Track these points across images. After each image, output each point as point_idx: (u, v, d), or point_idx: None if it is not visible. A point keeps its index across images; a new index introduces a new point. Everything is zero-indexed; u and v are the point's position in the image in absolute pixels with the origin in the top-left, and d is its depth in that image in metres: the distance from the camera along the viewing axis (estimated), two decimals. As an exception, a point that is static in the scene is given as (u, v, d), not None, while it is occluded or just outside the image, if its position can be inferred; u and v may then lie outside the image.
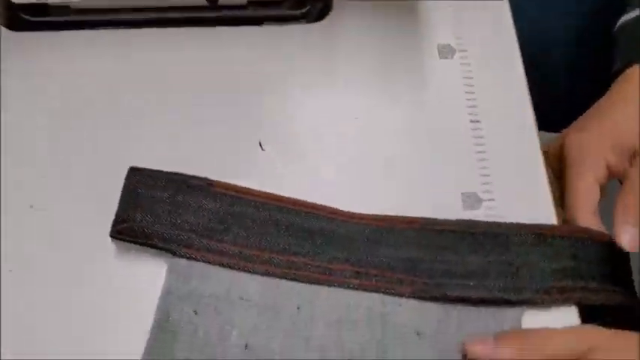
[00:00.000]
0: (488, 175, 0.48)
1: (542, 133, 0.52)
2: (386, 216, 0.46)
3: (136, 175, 0.46)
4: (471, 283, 0.44)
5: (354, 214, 0.46)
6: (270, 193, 0.46)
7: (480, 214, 0.47)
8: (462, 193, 0.48)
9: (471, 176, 0.48)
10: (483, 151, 0.50)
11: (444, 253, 0.45)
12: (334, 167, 0.49)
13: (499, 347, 0.41)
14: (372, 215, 0.46)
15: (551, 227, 0.46)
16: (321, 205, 0.46)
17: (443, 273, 0.44)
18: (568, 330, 0.42)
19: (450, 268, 0.44)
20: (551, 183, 0.48)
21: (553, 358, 0.40)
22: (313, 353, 0.42)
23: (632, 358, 0.39)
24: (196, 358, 0.41)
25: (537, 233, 0.46)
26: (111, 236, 0.45)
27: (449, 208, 0.47)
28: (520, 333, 0.42)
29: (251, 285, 0.43)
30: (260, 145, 0.50)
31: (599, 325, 0.41)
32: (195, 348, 0.42)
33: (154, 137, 0.49)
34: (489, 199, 0.48)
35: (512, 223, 0.46)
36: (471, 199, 0.48)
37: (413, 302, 0.43)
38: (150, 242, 0.44)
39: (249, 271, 0.44)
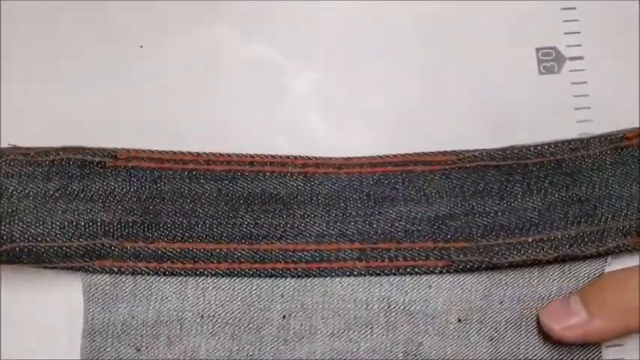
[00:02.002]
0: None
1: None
2: (394, 156, 0.34)
3: (1, 162, 0.32)
4: (530, 240, 0.32)
5: (340, 160, 0.34)
6: (208, 154, 0.33)
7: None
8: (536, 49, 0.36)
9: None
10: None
11: (484, 201, 0.33)
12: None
13: (592, 313, 0.30)
14: (371, 158, 0.34)
15: (633, 132, 0.33)
16: (290, 157, 0.33)
17: (486, 230, 0.32)
18: None
19: (495, 222, 0.33)
20: None
21: None
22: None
23: None
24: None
25: (615, 145, 0.33)
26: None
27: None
28: (617, 280, 0.31)
29: (212, 295, 0.32)
30: None
31: None
32: (149, 399, 0.32)
33: None
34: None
35: (575, 139, 0.34)
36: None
37: (447, 279, 0.32)
38: (46, 265, 0.31)
39: (204, 275, 0.32)
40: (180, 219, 0.32)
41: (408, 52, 0.36)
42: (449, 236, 0.32)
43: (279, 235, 0.32)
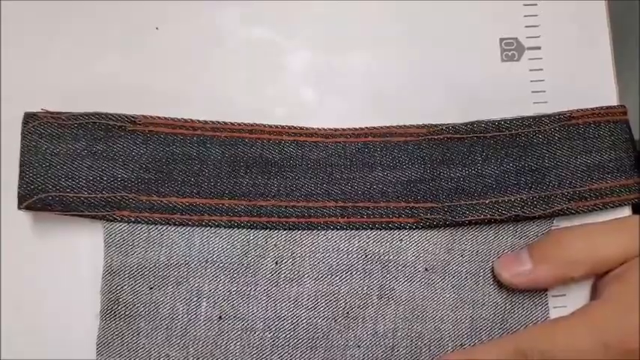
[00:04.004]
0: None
1: None
2: (374, 128, 0.36)
3: (33, 124, 0.35)
4: (487, 201, 0.35)
5: (328, 130, 0.36)
6: (214, 122, 0.36)
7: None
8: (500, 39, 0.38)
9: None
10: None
11: (449, 168, 0.36)
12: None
13: (537, 263, 0.34)
14: (355, 129, 0.36)
15: (580, 112, 0.36)
16: (284, 127, 0.36)
17: (450, 193, 0.35)
18: (618, 224, 0.35)
19: (458, 186, 0.35)
20: None
21: (605, 264, 0.34)
22: (304, 315, 0.35)
23: None
24: (163, 340, 0.34)
25: (563, 124, 0.36)
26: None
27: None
28: (558, 237, 0.35)
29: (215, 243, 0.35)
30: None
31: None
32: (158, 329, 0.35)
33: None
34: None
35: (529, 117, 0.36)
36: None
37: (417, 234, 0.35)
38: (73, 212, 0.34)
39: (208, 226, 0.35)
40: (189, 177, 0.35)
41: (389, 41, 0.38)
42: (418, 197, 0.35)
43: (273, 194, 0.35)
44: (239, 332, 0.34)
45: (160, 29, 0.37)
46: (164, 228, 0.35)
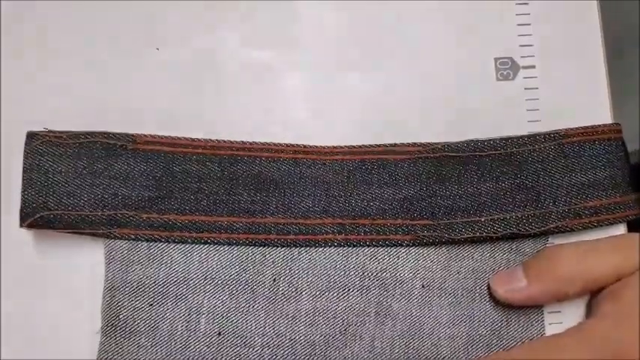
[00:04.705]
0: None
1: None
2: (371, 146, 0.36)
3: (36, 143, 0.35)
4: (483, 219, 0.35)
5: (326, 148, 0.36)
6: (214, 140, 0.36)
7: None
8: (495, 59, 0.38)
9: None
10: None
11: (445, 186, 0.36)
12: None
13: (531, 280, 0.34)
14: (352, 147, 0.36)
15: (575, 130, 0.37)
16: (283, 145, 0.36)
17: (447, 211, 0.36)
18: (613, 242, 0.35)
19: (454, 204, 0.36)
20: None
21: (599, 281, 0.34)
22: (302, 331, 0.35)
23: None
24: (163, 356, 0.35)
25: (558, 142, 0.36)
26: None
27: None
28: (553, 254, 0.35)
29: (214, 260, 0.35)
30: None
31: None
32: (159, 345, 0.35)
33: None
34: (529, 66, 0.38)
35: (523, 136, 0.36)
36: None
37: (414, 251, 0.36)
38: (75, 230, 0.35)
39: (207, 243, 0.35)
40: (189, 195, 0.35)
41: (385, 62, 0.38)
42: (415, 215, 0.35)
43: (271, 211, 0.35)
44: (238, 348, 0.35)
45: (161, 50, 0.38)
46: (164, 245, 0.35)
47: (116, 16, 0.38)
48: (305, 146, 0.36)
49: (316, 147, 0.36)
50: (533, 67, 0.38)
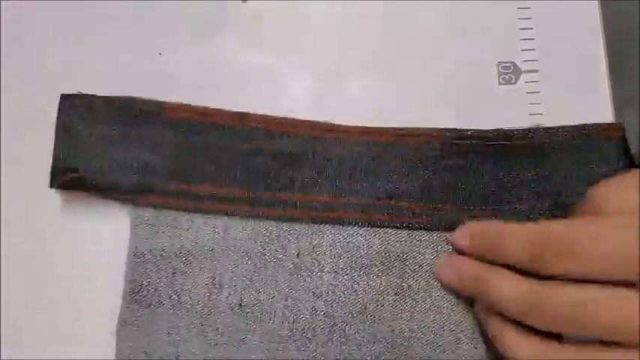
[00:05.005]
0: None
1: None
2: (397, 129, 0.37)
3: (69, 105, 0.35)
4: (506, 208, 0.36)
5: (354, 128, 0.37)
6: (242, 113, 0.36)
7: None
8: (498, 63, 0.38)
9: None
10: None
11: (469, 173, 0.36)
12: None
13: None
14: (381, 129, 0.37)
15: (601, 126, 0.37)
16: (307, 121, 0.37)
17: (469, 198, 0.36)
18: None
19: (477, 191, 0.36)
20: None
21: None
22: (322, 307, 0.35)
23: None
24: (183, 325, 0.35)
25: (587, 134, 0.36)
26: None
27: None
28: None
29: (238, 232, 0.35)
30: None
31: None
32: (179, 314, 0.35)
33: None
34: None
35: (550, 127, 0.37)
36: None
37: (435, 234, 0.36)
38: (102, 194, 0.35)
39: (233, 215, 0.35)
40: (218, 167, 0.35)
41: (388, 66, 0.38)
42: (438, 200, 0.36)
43: (297, 187, 0.35)
44: (258, 320, 0.35)
45: (163, 54, 0.38)
46: (190, 215, 0.35)
47: (117, 21, 0.38)
48: (334, 125, 0.37)
49: (344, 126, 0.37)
50: (535, 71, 0.38)
